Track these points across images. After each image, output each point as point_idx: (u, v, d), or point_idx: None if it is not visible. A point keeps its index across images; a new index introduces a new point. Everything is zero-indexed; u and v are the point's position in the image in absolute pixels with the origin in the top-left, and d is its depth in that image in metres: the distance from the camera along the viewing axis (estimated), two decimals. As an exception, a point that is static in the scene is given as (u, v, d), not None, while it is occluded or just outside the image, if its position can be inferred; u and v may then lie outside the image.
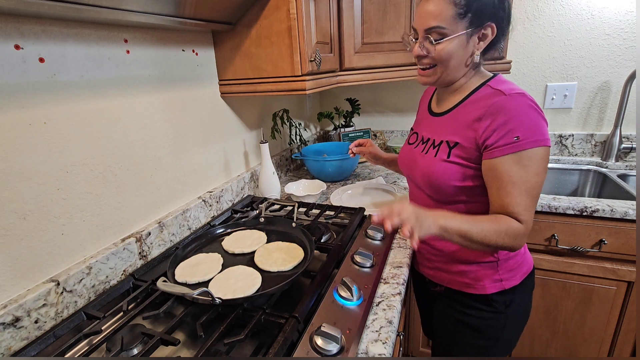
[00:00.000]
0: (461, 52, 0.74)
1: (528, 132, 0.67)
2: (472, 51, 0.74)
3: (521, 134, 0.67)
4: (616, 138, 1.55)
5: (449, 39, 0.72)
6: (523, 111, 0.68)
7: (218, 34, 1.14)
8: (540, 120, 0.69)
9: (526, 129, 0.67)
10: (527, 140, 0.67)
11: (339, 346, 0.60)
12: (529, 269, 0.87)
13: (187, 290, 0.68)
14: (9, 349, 0.64)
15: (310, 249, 0.87)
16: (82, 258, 0.80)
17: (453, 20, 0.70)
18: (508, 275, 0.82)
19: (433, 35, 0.73)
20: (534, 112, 0.68)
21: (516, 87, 0.73)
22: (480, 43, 0.73)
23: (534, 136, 0.67)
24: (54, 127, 0.72)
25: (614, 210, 1.15)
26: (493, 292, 0.83)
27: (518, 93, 0.70)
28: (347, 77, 1.37)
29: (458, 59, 0.74)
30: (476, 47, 0.74)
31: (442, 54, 0.73)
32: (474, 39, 0.73)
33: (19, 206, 0.67)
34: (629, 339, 1.27)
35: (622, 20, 1.48)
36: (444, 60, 0.74)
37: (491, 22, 0.71)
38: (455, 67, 0.76)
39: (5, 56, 0.63)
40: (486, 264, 0.82)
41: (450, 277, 0.88)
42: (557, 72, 1.64)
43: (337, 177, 1.54)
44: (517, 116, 0.68)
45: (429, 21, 0.72)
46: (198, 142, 1.13)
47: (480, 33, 0.72)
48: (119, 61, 0.85)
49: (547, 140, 0.69)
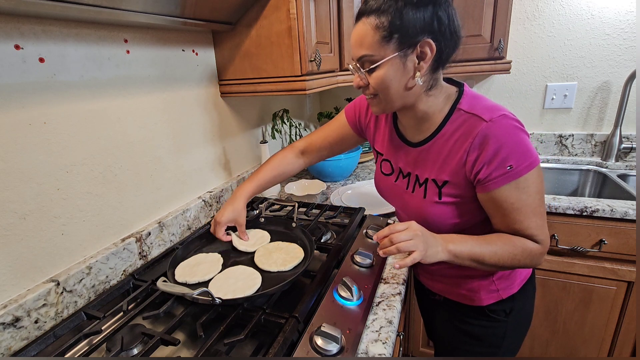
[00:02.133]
0: (399, 76, 0.66)
1: (520, 158, 0.63)
2: (414, 73, 0.66)
3: (514, 162, 0.63)
4: (616, 138, 1.55)
5: (381, 65, 0.65)
6: (510, 136, 0.64)
7: (218, 34, 1.14)
8: (526, 140, 0.65)
9: (518, 155, 0.63)
10: (521, 166, 0.64)
11: (339, 346, 0.60)
12: (528, 275, 0.84)
13: (187, 290, 0.68)
14: (9, 349, 0.64)
15: (310, 249, 0.87)
16: (82, 258, 0.80)
17: (379, 45, 0.64)
18: (505, 284, 0.80)
19: (365, 64, 0.67)
20: (519, 132, 0.65)
21: (491, 105, 0.67)
22: (420, 63, 0.65)
23: (527, 160, 0.64)
24: (54, 127, 0.72)
25: (614, 210, 1.15)
26: (490, 303, 0.81)
27: (499, 116, 0.65)
28: (347, 77, 1.37)
29: (397, 83, 0.66)
30: (417, 67, 0.65)
31: (378, 81, 0.67)
32: (412, 59, 0.64)
33: (19, 206, 0.67)
34: (629, 339, 1.27)
35: (622, 20, 1.48)
36: (382, 88, 0.68)
37: (426, 38, 0.62)
38: (398, 93, 0.68)
39: (5, 56, 0.63)
40: (481, 275, 0.80)
41: (448, 288, 0.87)
42: (557, 72, 1.64)
43: (337, 177, 1.54)
44: (505, 144, 0.63)
45: (358, 50, 0.67)
46: (198, 142, 1.13)
47: (417, 52, 0.64)
48: (119, 61, 0.85)
49: (538, 159, 0.65)
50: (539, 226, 0.68)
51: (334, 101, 2.12)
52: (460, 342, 0.88)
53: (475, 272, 0.80)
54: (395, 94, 0.68)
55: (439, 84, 0.71)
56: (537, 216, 0.68)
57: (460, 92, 0.72)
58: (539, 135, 1.73)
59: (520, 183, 0.65)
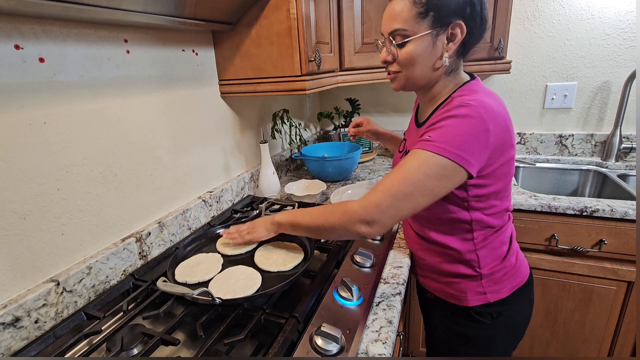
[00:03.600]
0: (427, 54, 0.69)
1: (442, 138, 0.62)
2: (442, 53, 0.69)
3: (434, 136, 0.63)
4: (616, 138, 1.55)
5: (413, 40, 0.68)
6: (458, 119, 0.63)
7: (218, 34, 1.14)
8: (470, 137, 0.62)
9: (444, 135, 0.62)
10: (435, 144, 0.62)
11: (339, 346, 0.60)
12: (521, 282, 0.82)
13: (187, 290, 0.68)
14: (9, 349, 0.64)
15: (311, 249, 0.87)
16: (82, 258, 0.80)
17: (414, 20, 0.66)
18: (493, 288, 0.79)
19: (397, 38, 0.69)
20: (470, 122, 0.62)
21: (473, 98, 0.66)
22: (449, 44, 0.68)
23: (444, 144, 0.62)
24: (54, 127, 0.72)
25: (614, 210, 1.15)
26: (476, 305, 0.80)
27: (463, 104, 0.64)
28: (347, 77, 1.37)
29: (425, 61, 0.69)
30: (445, 48, 0.68)
31: (407, 57, 0.69)
32: (442, 40, 0.68)
33: (19, 206, 0.67)
34: (629, 339, 1.27)
35: (622, 20, 1.48)
36: (409, 63, 0.70)
37: (458, 20, 0.66)
38: (423, 71, 0.71)
39: (5, 56, 0.63)
40: (469, 276, 0.80)
41: (438, 286, 0.87)
42: (557, 72, 1.64)
43: (337, 177, 1.54)
44: (447, 120, 0.64)
45: (391, 24, 0.69)
46: (198, 142, 1.13)
47: (448, 33, 0.67)
48: (119, 61, 0.85)
49: (459, 157, 0.61)
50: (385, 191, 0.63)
51: (334, 101, 2.12)
52: (448, 342, 0.89)
53: (464, 272, 0.80)
54: (420, 71, 0.71)
55: (459, 70, 0.75)
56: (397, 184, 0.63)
57: (468, 81, 0.74)
58: (539, 135, 1.73)
59: (423, 155, 0.63)
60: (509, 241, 0.82)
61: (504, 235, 0.80)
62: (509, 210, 0.80)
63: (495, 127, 0.64)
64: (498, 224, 0.78)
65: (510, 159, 0.71)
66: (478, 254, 0.77)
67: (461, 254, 0.78)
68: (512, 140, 0.70)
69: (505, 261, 0.80)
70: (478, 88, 0.71)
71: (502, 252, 0.80)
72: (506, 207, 0.78)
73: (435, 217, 0.78)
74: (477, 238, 0.77)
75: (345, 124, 1.95)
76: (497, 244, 0.79)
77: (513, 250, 0.82)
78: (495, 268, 0.79)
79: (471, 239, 0.77)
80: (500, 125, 0.65)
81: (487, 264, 0.78)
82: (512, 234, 0.85)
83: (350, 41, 1.33)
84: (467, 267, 0.79)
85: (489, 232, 0.77)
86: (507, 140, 0.68)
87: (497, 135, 0.64)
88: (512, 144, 0.70)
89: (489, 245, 0.78)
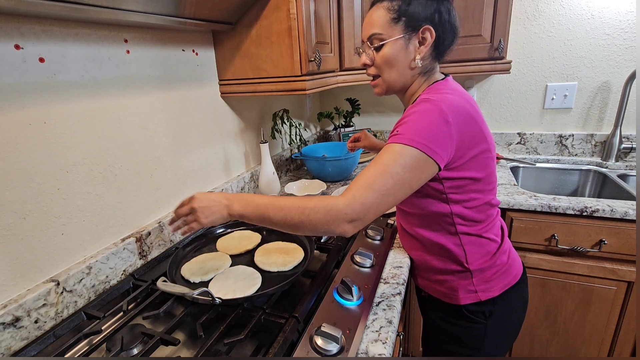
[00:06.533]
0: (402, 56, 0.75)
1: (410, 131, 0.66)
2: (414, 55, 0.75)
3: (401, 130, 0.67)
4: (616, 138, 1.55)
5: (388, 43, 0.75)
6: (421, 112, 0.67)
7: (218, 34, 1.14)
8: (434, 129, 0.65)
9: (411, 128, 0.66)
10: (404, 136, 0.66)
11: (339, 346, 0.60)
12: (513, 280, 0.82)
13: (187, 290, 0.69)
14: (9, 349, 0.64)
15: (310, 249, 0.87)
16: (82, 258, 0.80)
17: (389, 25, 0.74)
18: (484, 286, 0.80)
19: (374, 42, 0.76)
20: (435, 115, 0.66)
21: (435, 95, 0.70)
22: (421, 47, 0.75)
23: (412, 135, 0.65)
24: (54, 127, 0.72)
25: (614, 211, 1.15)
26: (468, 303, 0.81)
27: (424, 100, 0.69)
28: (347, 77, 1.37)
29: (399, 63, 0.76)
30: (417, 50, 0.75)
31: (383, 59, 0.76)
32: (414, 43, 0.75)
33: (19, 206, 0.67)
34: (629, 339, 1.27)
35: (622, 20, 1.48)
36: (385, 64, 0.77)
37: (427, 25, 0.73)
38: (399, 72, 0.77)
39: (5, 56, 0.63)
40: (459, 273, 0.81)
41: (431, 285, 0.88)
42: (557, 72, 1.64)
43: (337, 177, 1.54)
44: (411, 115, 0.68)
45: (369, 30, 0.76)
46: (198, 142, 1.13)
47: (419, 36, 0.74)
48: (119, 61, 0.85)
49: (427, 148, 0.64)
50: (363, 187, 0.63)
51: (334, 101, 2.12)
52: (440, 341, 0.89)
53: (453, 268, 0.81)
54: (396, 72, 0.77)
55: (435, 72, 0.80)
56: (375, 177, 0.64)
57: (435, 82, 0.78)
58: (539, 136, 1.73)
59: (395, 148, 0.65)
60: (500, 238, 0.83)
61: (491, 232, 0.81)
62: (493, 205, 0.81)
63: (456, 119, 0.67)
64: (481, 218, 0.79)
65: (484, 152, 0.73)
66: (465, 248, 0.79)
67: (448, 249, 0.80)
68: (482, 134, 0.72)
69: (495, 258, 0.80)
70: (443, 87, 0.75)
71: (491, 248, 0.80)
72: (488, 200, 0.79)
73: (420, 212, 0.81)
74: (461, 231, 0.78)
75: (346, 124, 1.95)
76: (484, 240, 0.80)
77: (504, 248, 0.83)
78: (484, 264, 0.80)
79: (455, 233, 0.79)
80: (461, 117, 0.68)
81: (475, 260, 0.79)
82: (504, 231, 0.86)
83: (351, 41, 1.33)
84: (455, 263, 0.80)
85: (473, 227, 0.78)
86: (475, 133, 0.71)
87: (459, 126, 0.68)
88: (483, 137, 0.72)
89: (475, 240, 0.79)
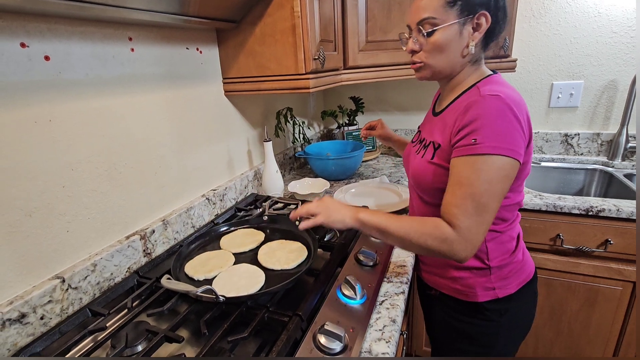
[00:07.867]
0: (455, 43, 0.72)
1: (489, 137, 0.63)
2: (467, 42, 0.72)
3: (479, 138, 0.63)
4: (622, 137, 1.53)
5: (441, 29, 0.71)
6: (491, 113, 0.64)
7: (222, 32, 1.14)
8: (511, 129, 0.63)
9: (488, 133, 0.63)
10: (485, 145, 0.63)
11: (342, 345, 0.60)
12: (528, 277, 0.83)
13: (191, 287, 0.69)
14: (15, 345, 0.65)
15: (314, 247, 0.87)
16: (87, 255, 0.80)
17: (443, 9, 0.70)
18: (502, 283, 0.80)
19: (425, 27, 0.72)
20: (506, 118, 0.63)
21: (499, 89, 0.67)
22: (475, 33, 0.71)
23: (494, 142, 0.62)
24: (59, 125, 0.72)
25: (620, 210, 1.14)
26: (485, 301, 0.80)
27: (493, 95, 0.65)
28: (351, 75, 1.36)
29: (452, 49, 0.72)
30: (471, 37, 0.71)
31: (435, 45, 0.72)
32: (468, 29, 0.71)
33: (25, 203, 0.68)
34: (634, 339, 1.26)
35: (630, 18, 1.46)
36: (437, 51, 0.73)
37: (483, 10, 0.70)
38: (449, 59, 0.74)
39: (11, 54, 0.64)
40: (478, 270, 0.80)
41: (444, 282, 0.86)
42: (563, 71, 1.62)
43: (340, 175, 1.53)
44: (482, 117, 0.64)
45: (420, 14, 0.72)
46: (202, 140, 1.13)
47: (473, 22, 0.71)
48: (123, 59, 0.85)
49: (511, 151, 0.63)
50: (467, 212, 0.63)
51: (337, 100, 2.12)
52: (452, 340, 0.88)
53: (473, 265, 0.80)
54: (446, 59, 0.74)
55: (482, 62, 0.78)
56: (472, 202, 0.63)
57: (490, 74, 0.76)
58: (545, 134, 1.71)
59: (478, 162, 0.63)
60: (517, 237, 0.83)
61: (514, 230, 0.81)
62: (520, 205, 0.81)
63: (523, 117, 0.66)
64: (510, 217, 0.79)
65: (531, 151, 0.73)
66: (487, 245, 0.78)
67: None
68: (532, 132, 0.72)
69: (513, 256, 0.80)
70: (502, 81, 0.74)
71: (511, 246, 0.81)
72: (518, 201, 0.79)
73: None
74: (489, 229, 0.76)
75: (349, 122, 1.95)
76: (506, 237, 0.80)
77: (520, 247, 0.83)
78: (503, 262, 0.80)
79: None
80: (526, 116, 0.68)
81: (496, 257, 0.79)
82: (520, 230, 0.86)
83: (355, 39, 1.32)
84: (476, 259, 0.79)
85: (500, 225, 0.78)
86: (531, 131, 0.71)
87: (526, 125, 0.67)
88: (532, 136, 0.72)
89: (498, 237, 0.79)
